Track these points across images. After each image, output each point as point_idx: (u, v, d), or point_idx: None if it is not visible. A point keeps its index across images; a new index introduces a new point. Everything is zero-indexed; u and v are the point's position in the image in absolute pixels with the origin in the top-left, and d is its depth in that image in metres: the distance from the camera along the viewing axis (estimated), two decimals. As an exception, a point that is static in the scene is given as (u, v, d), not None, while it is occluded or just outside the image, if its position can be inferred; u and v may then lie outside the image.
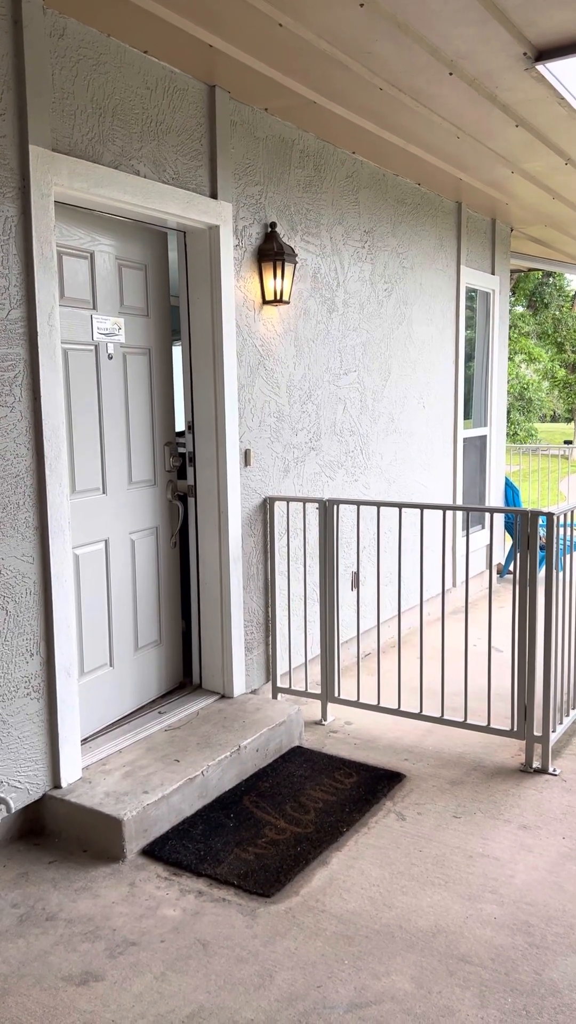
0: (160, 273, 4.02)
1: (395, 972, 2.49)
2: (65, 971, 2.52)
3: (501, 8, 3.13)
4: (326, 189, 4.71)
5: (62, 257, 3.45)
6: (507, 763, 3.85)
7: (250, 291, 4.16)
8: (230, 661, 4.19)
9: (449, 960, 2.54)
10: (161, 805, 3.22)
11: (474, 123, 4.37)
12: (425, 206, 5.79)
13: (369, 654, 5.34)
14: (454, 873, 2.99)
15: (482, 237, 6.71)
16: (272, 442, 4.40)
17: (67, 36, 3.13)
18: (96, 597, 3.74)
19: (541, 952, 2.58)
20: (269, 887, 2.89)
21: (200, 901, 2.84)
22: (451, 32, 3.32)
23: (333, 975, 2.48)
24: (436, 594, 6.12)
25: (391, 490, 5.63)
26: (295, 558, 4.61)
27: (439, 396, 6.17)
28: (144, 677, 4.06)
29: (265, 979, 2.47)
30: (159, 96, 3.56)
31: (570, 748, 3.98)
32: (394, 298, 5.47)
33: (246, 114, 4.07)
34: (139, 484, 3.97)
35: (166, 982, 2.46)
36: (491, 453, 7.22)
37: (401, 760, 3.89)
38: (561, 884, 2.92)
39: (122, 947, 2.62)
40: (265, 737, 3.81)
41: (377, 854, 3.12)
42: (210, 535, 4.15)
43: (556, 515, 3.67)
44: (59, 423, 3.19)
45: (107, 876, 2.99)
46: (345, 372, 5.00)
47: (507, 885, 2.92)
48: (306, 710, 4.46)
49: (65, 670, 3.28)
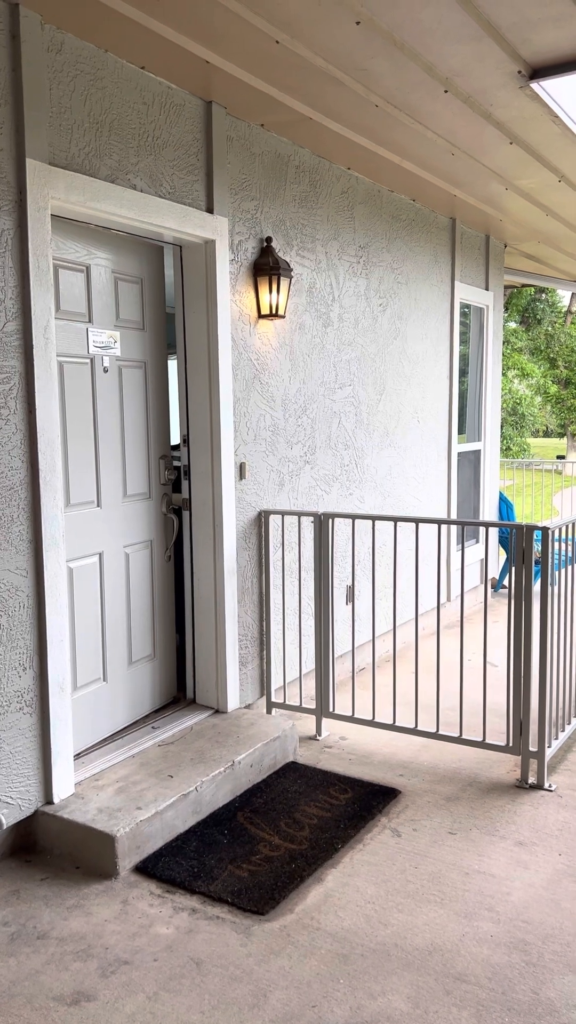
0: (156, 287, 4.03)
1: (391, 991, 2.46)
2: (56, 991, 2.48)
3: (495, 26, 3.16)
4: (321, 204, 4.74)
5: (58, 270, 3.45)
6: (503, 779, 3.83)
7: (246, 305, 4.16)
8: (224, 676, 4.16)
9: (445, 979, 2.51)
10: (154, 821, 3.19)
11: (468, 140, 4.40)
12: (419, 222, 5.82)
13: (364, 669, 5.32)
14: (450, 890, 2.97)
15: (476, 253, 6.75)
16: (267, 455, 4.40)
17: (65, 51, 3.15)
18: (90, 611, 3.72)
19: (538, 971, 2.55)
20: (263, 904, 2.86)
21: (194, 919, 2.81)
22: (446, 50, 3.34)
23: (328, 994, 2.45)
24: (431, 608, 6.12)
25: (386, 504, 5.63)
26: (290, 572, 4.59)
27: (433, 411, 6.18)
28: (138, 692, 4.04)
29: (259, 999, 2.44)
30: (156, 111, 3.58)
31: (566, 764, 3.96)
32: (389, 313, 5.49)
33: (242, 129, 4.09)
34: (134, 497, 3.96)
35: (159, 1002, 2.43)
36: (485, 467, 7.23)
37: (396, 776, 3.87)
38: (558, 901, 2.89)
39: (114, 966, 2.59)
40: (259, 752, 3.78)
41: (372, 871, 3.09)
42: (205, 549, 4.14)
43: (551, 529, 3.67)
44: (54, 436, 3.18)
45: (100, 893, 2.96)
46: (340, 386, 5.01)
47: (503, 902, 2.89)
48: (301, 725, 4.44)
49: (58, 684, 3.26)
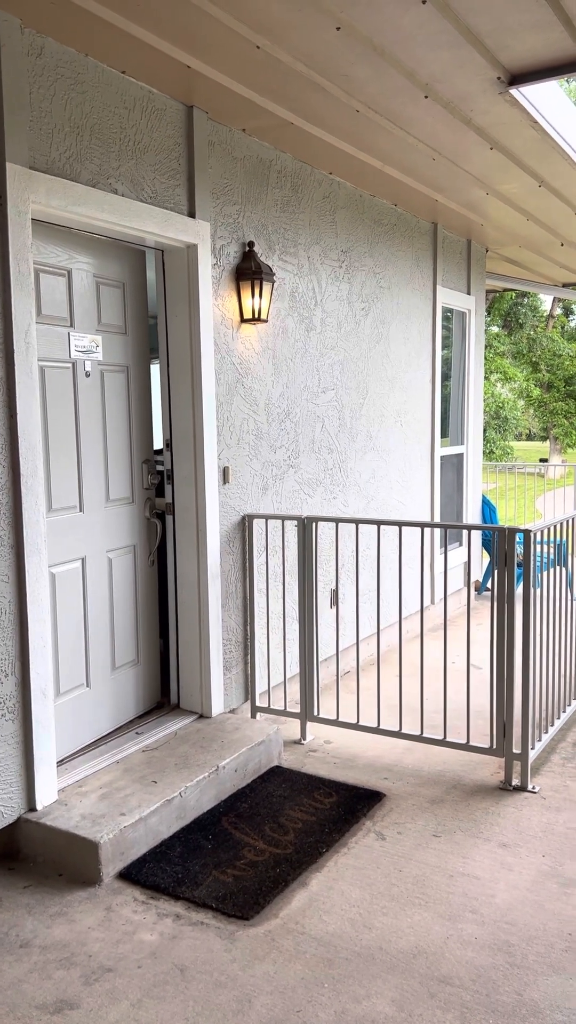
0: (138, 291, 4.02)
1: (376, 995, 2.46)
2: (39, 999, 2.46)
3: (475, 33, 3.18)
4: (304, 209, 4.75)
5: (39, 275, 3.44)
6: (487, 781, 3.84)
7: (228, 309, 4.16)
8: (208, 680, 4.15)
9: (430, 982, 2.52)
10: (138, 827, 3.17)
11: (449, 145, 4.43)
12: (401, 226, 5.85)
13: (348, 672, 5.32)
14: (434, 893, 2.97)
15: (458, 258, 6.79)
16: (251, 460, 4.40)
17: (45, 55, 3.14)
18: (73, 616, 3.71)
19: (522, 972, 2.56)
20: (248, 910, 2.85)
21: (178, 925, 2.80)
22: (426, 56, 3.36)
23: (313, 999, 2.45)
24: (415, 611, 6.13)
25: (369, 508, 5.64)
26: (274, 576, 4.59)
27: (416, 414, 6.21)
28: (121, 697, 4.02)
29: (244, 1004, 2.43)
30: (137, 116, 3.58)
31: (549, 765, 3.98)
32: (371, 317, 5.51)
33: (224, 134, 4.10)
34: (117, 502, 3.94)
35: (143, 1009, 2.42)
36: (468, 471, 7.26)
37: (381, 779, 3.87)
38: (541, 903, 2.90)
39: (98, 973, 2.57)
40: (244, 757, 3.77)
41: (357, 874, 3.09)
42: (188, 553, 4.13)
43: (533, 532, 3.69)
44: (35, 441, 3.17)
45: (83, 900, 2.94)
46: (323, 390, 5.02)
47: (487, 905, 2.90)
48: (285, 729, 4.43)
49: (41, 691, 3.24)
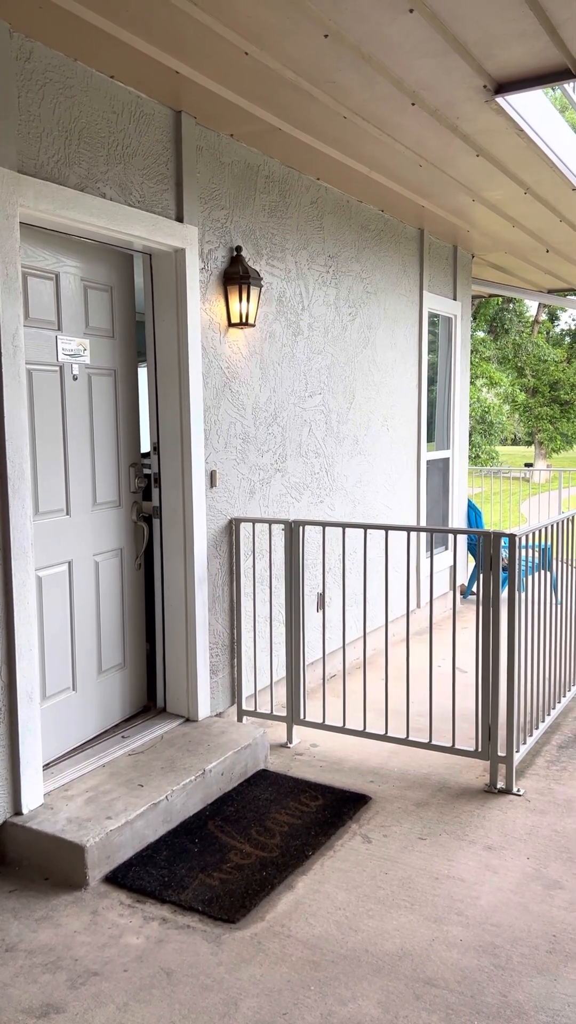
0: (126, 295, 4.03)
1: (362, 997, 2.47)
2: (25, 1004, 2.45)
3: (462, 42, 3.21)
4: (291, 214, 4.77)
5: (27, 278, 3.44)
6: (472, 784, 3.86)
7: (216, 314, 4.18)
8: (195, 684, 4.15)
9: (416, 984, 2.53)
10: (124, 831, 3.17)
11: (436, 152, 4.46)
12: (388, 232, 5.88)
13: (335, 676, 5.33)
14: (420, 895, 2.98)
15: (444, 263, 6.83)
16: (238, 463, 4.40)
17: (34, 59, 3.15)
18: (59, 620, 3.70)
19: (507, 974, 2.57)
20: (234, 913, 2.86)
21: (164, 928, 2.80)
22: (413, 63, 3.39)
23: (299, 1002, 2.45)
24: (401, 615, 6.15)
25: (356, 511, 5.66)
26: (261, 580, 4.60)
27: (403, 419, 6.24)
28: (108, 701, 4.01)
29: (230, 1007, 2.43)
30: (126, 120, 3.59)
31: (533, 768, 4.00)
32: (358, 322, 5.54)
33: (212, 139, 4.11)
34: (104, 505, 3.94)
35: (129, 1013, 2.41)
36: (454, 475, 7.30)
37: (367, 782, 3.89)
38: (526, 905, 2.92)
39: (84, 977, 2.57)
40: (230, 761, 3.78)
41: (343, 877, 3.10)
42: (175, 557, 4.13)
43: (518, 536, 3.72)
44: (22, 444, 3.16)
45: (69, 904, 2.93)
46: (310, 395, 5.04)
47: (473, 907, 2.92)
48: (272, 733, 4.44)
49: (27, 694, 3.23)
